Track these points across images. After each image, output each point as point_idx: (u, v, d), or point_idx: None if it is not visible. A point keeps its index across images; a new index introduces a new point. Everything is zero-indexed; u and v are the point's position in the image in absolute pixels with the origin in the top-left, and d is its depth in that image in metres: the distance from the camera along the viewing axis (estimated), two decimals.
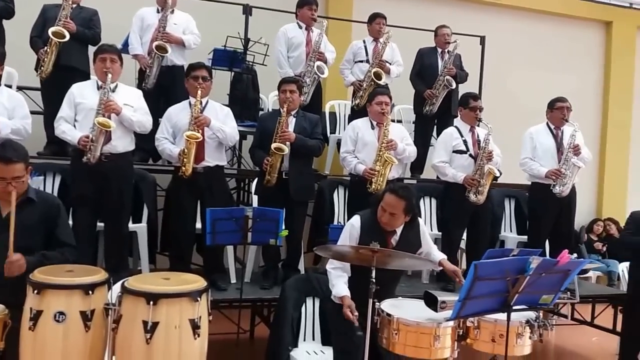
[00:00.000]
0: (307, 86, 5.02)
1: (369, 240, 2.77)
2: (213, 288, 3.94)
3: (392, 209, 2.97)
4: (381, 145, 4.24)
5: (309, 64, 5.07)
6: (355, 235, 3.07)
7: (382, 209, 3.00)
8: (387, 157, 4.18)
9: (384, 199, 3.00)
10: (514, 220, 5.63)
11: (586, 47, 8.31)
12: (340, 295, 2.99)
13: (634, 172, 8.23)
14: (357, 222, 3.10)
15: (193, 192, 4.02)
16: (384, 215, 3.00)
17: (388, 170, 4.19)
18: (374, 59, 5.38)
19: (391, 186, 3.18)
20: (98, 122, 3.58)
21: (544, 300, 2.44)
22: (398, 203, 2.95)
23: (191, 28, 5.06)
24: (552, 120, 4.86)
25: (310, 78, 5.05)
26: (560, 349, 5.39)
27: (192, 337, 2.41)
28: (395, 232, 3.09)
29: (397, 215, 2.98)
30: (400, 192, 2.98)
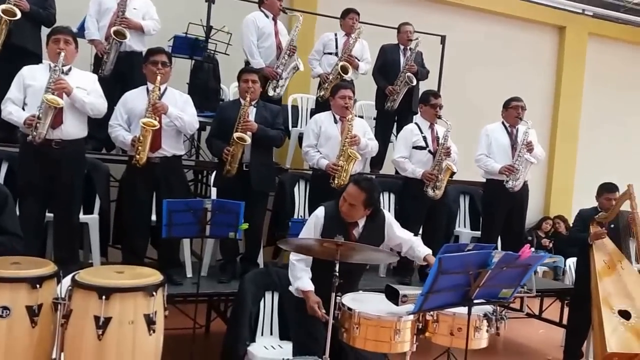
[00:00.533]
0: (283, 80, 4.99)
1: (331, 232, 2.78)
2: (168, 282, 3.85)
3: (353, 199, 2.98)
4: (345, 140, 4.22)
5: (284, 57, 5.00)
6: (319, 226, 3.05)
7: (343, 199, 3.02)
8: (350, 153, 4.17)
9: (347, 189, 3.03)
10: (468, 216, 5.76)
11: (541, 50, 8.57)
12: (305, 289, 2.96)
13: (580, 173, 8.56)
14: (321, 213, 3.09)
15: (148, 182, 3.89)
16: (344, 204, 3.01)
17: (351, 165, 4.19)
18: (343, 53, 5.39)
19: (356, 177, 3.19)
20: (46, 98, 3.41)
21: (504, 294, 2.48)
22: (359, 195, 2.96)
23: (151, 13, 4.89)
24: (507, 118, 4.98)
25: (287, 72, 5.00)
26: (509, 341, 5.55)
27: (147, 333, 2.33)
28: (358, 224, 3.09)
29: (356, 206, 2.98)
30: (363, 184, 2.99)
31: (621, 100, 9.00)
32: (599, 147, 8.76)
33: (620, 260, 4.45)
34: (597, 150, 8.73)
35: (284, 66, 5.00)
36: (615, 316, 4.10)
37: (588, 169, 8.34)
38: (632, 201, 4.27)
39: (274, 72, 4.94)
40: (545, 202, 8.60)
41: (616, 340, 3.93)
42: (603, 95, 8.82)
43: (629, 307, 4.15)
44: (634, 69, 9.14)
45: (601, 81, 8.79)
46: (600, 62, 8.80)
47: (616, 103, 8.95)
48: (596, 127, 8.77)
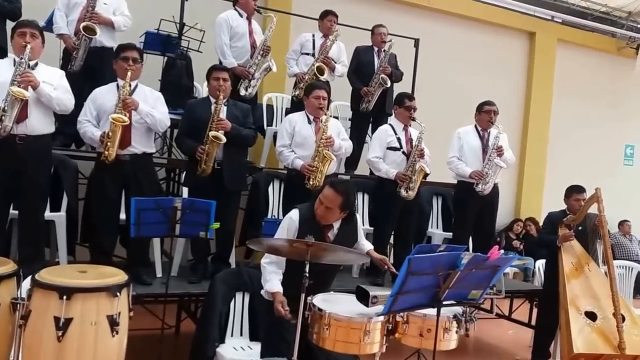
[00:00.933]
0: (256, 80, 4.95)
1: (306, 234, 2.73)
2: (137, 282, 3.80)
3: (329, 202, 2.94)
4: (319, 141, 4.20)
5: (257, 57, 4.95)
6: (293, 229, 3.01)
7: (319, 201, 2.98)
8: (326, 154, 4.15)
9: (323, 192, 2.98)
10: (440, 217, 5.81)
11: (512, 55, 8.72)
12: (273, 291, 2.93)
13: (550, 176, 8.73)
14: (295, 216, 3.05)
15: (117, 180, 3.81)
16: (320, 207, 2.97)
17: (327, 166, 4.18)
18: (320, 54, 5.38)
19: (333, 180, 3.16)
20: (12, 90, 3.31)
21: (473, 296, 2.49)
22: (336, 198, 2.93)
23: (122, 9, 4.81)
24: (479, 122, 5.03)
25: (260, 72, 4.96)
26: (479, 342, 5.61)
27: (109, 335, 2.27)
28: (333, 226, 3.06)
29: (332, 209, 2.95)
30: (340, 187, 2.95)
31: (589, 105, 9.23)
32: (568, 150, 8.96)
33: (588, 263, 4.54)
34: (566, 154, 8.92)
35: (257, 66, 4.96)
36: (582, 317, 4.17)
37: (558, 172, 8.50)
38: (600, 204, 4.34)
39: (246, 72, 4.90)
40: (516, 204, 8.75)
41: (582, 341, 4.00)
42: (572, 99, 9.03)
43: (595, 308, 4.22)
44: (600, 75, 9.38)
45: (570, 86, 8.99)
46: (569, 67, 9.00)
47: (584, 107, 9.17)
48: (565, 130, 8.97)
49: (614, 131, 9.52)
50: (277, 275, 2.98)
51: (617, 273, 5.68)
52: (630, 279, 5.83)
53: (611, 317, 4.09)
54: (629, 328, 4.08)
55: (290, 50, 5.66)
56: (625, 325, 4.06)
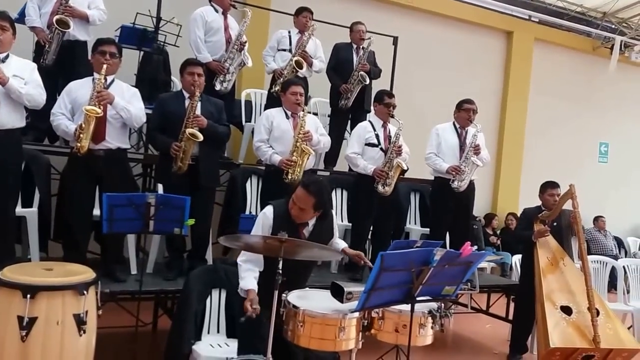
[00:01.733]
0: (231, 74, 4.91)
1: (280, 231, 2.70)
2: (111, 279, 3.76)
3: (302, 203, 2.91)
4: (297, 136, 4.19)
5: (232, 52, 4.90)
6: (267, 225, 2.99)
7: (292, 202, 2.95)
8: (304, 148, 4.14)
9: (296, 192, 2.94)
10: (418, 213, 5.84)
11: (489, 53, 8.81)
12: (247, 288, 2.89)
13: (526, 173, 8.83)
14: (270, 212, 3.02)
15: (91, 175, 3.75)
16: (294, 207, 2.95)
17: (305, 160, 4.16)
18: (297, 49, 5.36)
19: (305, 180, 3.11)
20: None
21: (447, 292, 2.50)
22: (308, 199, 2.90)
23: (97, 2, 4.73)
24: (458, 120, 5.06)
25: (234, 67, 4.91)
26: (458, 336, 5.66)
27: (76, 334, 2.22)
28: (308, 223, 3.04)
29: (306, 210, 2.93)
30: (312, 187, 2.90)
31: (565, 103, 9.37)
32: (544, 147, 9.09)
33: (563, 258, 4.59)
34: (542, 150, 9.05)
35: (232, 61, 4.91)
36: (557, 312, 4.22)
37: (533, 169, 8.62)
38: (574, 200, 4.39)
39: (220, 66, 4.85)
40: (492, 199, 8.85)
41: (558, 335, 4.05)
42: (548, 97, 9.16)
43: (571, 303, 4.27)
44: (576, 74, 9.53)
45: (546, 84, 9.12)
46: (546, 66, 9.12)
47: (560, 105, 9.31)
48: (541, 128, 9.09)
49: (589, 129, 9.68)
50: (252, 273, 2.95)
51: (592, 268, 5.78)
52: (604, 273, 5.92)
53: (586, 311, 4.14)
54: (603, 322, 4.14)
55: (267, 47, 5.63)
56: (600, 319, 4.12)
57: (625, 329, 4.35)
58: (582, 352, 4.01)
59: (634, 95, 10.06)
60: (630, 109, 10.04)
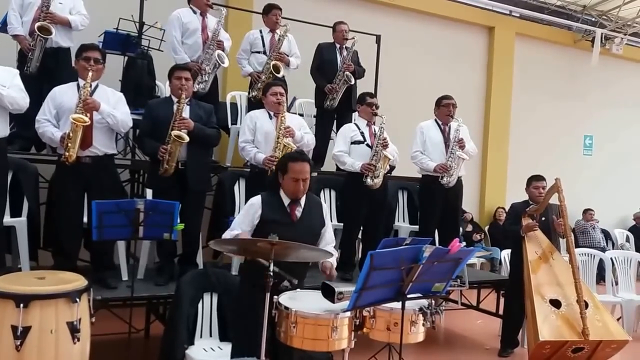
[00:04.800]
0: (207, 74, 4.86)
1: (272, 215, 2.84)
2: (102, 286, 3.75)
3: (304, 174, 3.00)
4: (279, 132, 4.19)
5: (207, 52, 4.88)
6: (256, 213, 3.00)
7: (293, 180, 2.98)
8: (285, 143, 4.14)
9: (292, 169, 2.98)
10: (406, 211, 5.87)
11: (472, 49, 8.87)
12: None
13: (512, 166, 8.91)
14: (257, 200, 3.05)
15: (79, 183, 3.73)
16: (297, 184, 2.99)
17: None
18: (272, 52, 5.34)
19: (292, 155, 3.16)
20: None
21: (437, 288, 2.52)
22: (305, 166, 3.02)
23: (78, 8, 4.72)
24: (439, 116, 5.10)
25: (210, 66, 4.88)
26: (449, 333, 5.70)
27: (70, 342, 2.22)
28: (300, 203, 3.07)
29: (307, 178, 3.03)
30: (301, 156, 3.06)
31: (548, 97, 9.47)
32: (529, 142, 9.18)
33: (551, 251, 4.65)
34: (527, 145, 9.14)
35: (208, 61, 4.87)
36: (546, 305, 4.28)
37: (519, 163, 8.70)
38: (560, 194, 4.44)
39: (197, 67, 4.81)
40: (480, 195, 8.91)
41: (548, 328, 4.10)
42: (531, 91, 9.26)
43: (560, 296, 4.33)
44: (558, 68, 9.63)
45: (529, 78, 9.21)
46: (528, 60, 9.21)
47: (543, 99, 9.41)
48: (526, 122, 9.19)
49: (573, 122, 9.79)
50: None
51: (581, 260, 5.87)
52: (593, 266, 5.99)
53: (575, 304, 4.20)
54: (592, 314, 4.20)
55: (239, 50, 5.54)
56: (589, 311, 4.18)
57: (613, 320, 4.41)
58: (571, 344, 4.07)
59: (616, 87, 10.19)
60: (613, 101, 10.17)
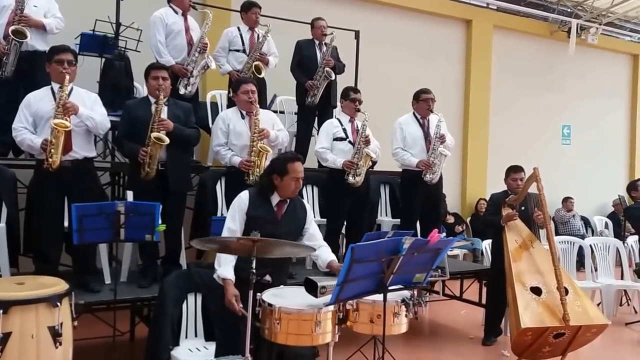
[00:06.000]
0: (194, 77, 4.86)
1: (258, 212, 2.89)
2: (84, 290, 3.73)
3: (302, 172, 3.10)
4: (253, 135, 4.18)
5: (194, 54, 4.86)
6: (242, 209, 3.06)
7: (294, 179, 3.07)
8: (261, 147, 4.13)
9: (292, 169, 3.06)
10: (389, 205, 5.92)
11: (450, 43, 8.94)
12: (224, 277, 2.94)
13: (492, 158, 8.99)
14: (245, 196, 3.11)
15: (59, 187, 3.70)
16: (297, 183, 3.09)
17: (264, 160, 4.15)
18: (253, 53, 5.32)
19: (287, 156, 3.20)
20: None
21: (417, 279, 2.56)
22: (301, 165, 3.11)
23: (53, 11, 4.66)
24: (418, 110, 5.12)
25: (198, 69, 4.87)
26: (434, 324, 5.77)
27: (52, 347, 2.20)
28: (286, 202, 3.14)
29: (302, 175, 3.12)
30: (296, 156, 3.15)
31: (526, 88, 9.59)
32: (509, 133, 9.29)
33: (531, 240, 4.71)
34: (506, 136, 9.24)
35: (195, 64, 4.87)
36: (527, 293, 4.33)
37: (499, 154, 8.78)
38: (539, 183, 4.51)
39: (184, 70, 4.80)
40: (461, 186, 9.00)
41: (529, 315, 4.15)
42: (509, 83, 9.36)
43: (540, 283, 4.39)
44: (536, 59, 9.75)
45: (507, 70, 9.31)
46: (506, 52, 9.31)
47: (522, 90, 9.53)
48: (505, 113, 9.29)
49: (551, 112, 9.92)
50: (231, 262, 2.99)
51: (561, 248, 5.98)
52: (572, 253, 6.11)
53: (555, 291, 4.25)
54: (572, 300, 4.26)
55: (217, 48, 5.47)
56: (569, 297, 4.24)
57: (593, 305, 4.49)
58: (552, 330, 4.13)
59: (592, 77, 10.36)
60: (590, 90, 10.33)
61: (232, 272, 2.96)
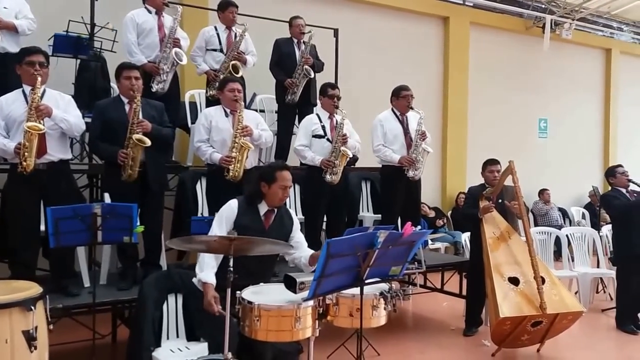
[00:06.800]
0: (166, 73, 4.81)
1: (245, 221, 2.95)
2: (63, 294, 3.69)
3: (290, 181, 3.18)
4: (236, 131, 4.18)
5: (165, 50, 4.84)
6: (230, 217, 3.11)
7: (282, 187, 3.14)
8: (242, 143, 4.13)
9: (280, 177, 3.13)
10: (370, 201, 5.96)
11: (428, 40, 9.01)
12: (206, 281, 2.98)
13: (471, 152, 9.07)
14: (234, 203, 3.15)
15: (34, 191, 3.66)
16: (285, 191, 3.16)
17: (245, 156, 4.16)
18: (231, 52, 5.31)
19: (277, 165, 3.29)
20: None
21: (394, 272, 2.59)
22: (290, 174, 3.18)
23: (25, 12, 4.61)
24: (397, 107, 5.17)
25: (168, 65, 4.83)
26: (417, 316, 5.84)
27: (27, 351, 2.18)
28: (274, 211, 3.21)
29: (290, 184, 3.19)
30: (285, 165, 3.23)
31: (503, 83, 9.71)
32: (487, 127, 9.40)
33: (509, 232, 4.80)
34: (485, 130, 9.35)
35: (165, 60, 4.83)
36: (505, 283, 4.41)
37: (478, 148, 8.87)
38: (514, 176, 4.59)
39: (154, 67, 4.77)
40: (442, 180, 9.08)
41: (508, 305, 4.24)
42: (486, 79, 9.47)
43: (518, 273, 4.48)
44: (512, 54, 9.87)
45: (484, 66, 9.42)
46: (482, 48, 9.41)
47: (499, 85, 9.65)
48: (482, 108, 9.39)
49: (528, 106, 10.05)
50: (212, 267, 3.04)
51: (539, 239, 6.08)
52: (550, 243, 6.21)
53: (533, 280, 4.34)
54: (549, 289, 4.35)
55: (194, 48, 5.46)
56: (546, 286, 4.33)
57: (570, 293, 4.60)
58: (530, 319, 4.22)
59: (567, 71, 10.52)
60: (565, 84, 10.49)
61: (213, 277, 3.00)
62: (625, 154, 11.05)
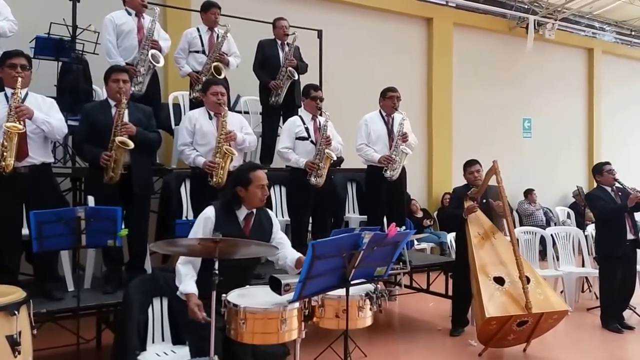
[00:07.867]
0: (142, 75, 4.77)
1: (226, 229, 2.83)
2: (47, 299, 3.65)
3: (266, 180, 3.14)
4: (220, 137, 4.15)
5: (142, 52, 4.80)
6: (210, 226, 3.04)
7: (259, 187, 3.10)
8: (226, 150, 4.10)
9: (255, 177, 3.10)
10: (356, 202, 5.97)
11: (412, 41, 9.05)
12: (187, 292, 2.95)
13: (457, 152, 9.11)
14: (211, 212, 3.09)
15: (16, 194, 3.61)
16: (263, 190, 3.12)
17: (228, 162, 4.11)
18: (213, 53, 5.29)
19: (250, 165, 3.30)
20: None
21: (379, 272, 2.60)
22: (263, 173, 3.15)
23: (5, 14, 4.53)
24: (384, 108, 5.20)
25: (145, 67, 4.79)
26: (403, 317, 5.85)
27: (11, 356, 2.17)
28: (253, 212, 3.18)
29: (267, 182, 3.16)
30: (257, 164, 3.29)
31: (487, 83, 9.79)
32: (471, 127, 9.46)
33: (493, 232, 4.83)
34: (469, 131, 9.41)
35: (143, 62, 4.79)
36: (491, 283, 4.44)
37: (463, 148, 8.90)
38: (498, 175, 4.63)
39: (133, 70, 4.70)
40: (427, 181, 9.12)
41: (493, 305, 4.26)
42: (470, 79, 9.54)
43: (503, 273, 4.50)
44: (496, 54, 9.96)
45: (468, 67, 9.48)
46: (466, 49, 9.48)
47: (483, 86, 9.73)
48: (467, 109, 9.45)
49: (512, 106, 10.15)
50: (191, 277, 3.02)
51: (524, 239, 6.14)
52: (535, 243, 6.26)
53: (518, 280, 4.37)
54: (534, 288, 4.39)
55: (177, 50, 5.45)
56: (531, 286, 4.37)
57: (554, 293, 4.63)
58: (516, 318, 4.25)
59: (550, 71, 10.63)
60: (548, 84, 10.59)
61: (194, 286, 2.98)
62: (609, 152, 11.19)
